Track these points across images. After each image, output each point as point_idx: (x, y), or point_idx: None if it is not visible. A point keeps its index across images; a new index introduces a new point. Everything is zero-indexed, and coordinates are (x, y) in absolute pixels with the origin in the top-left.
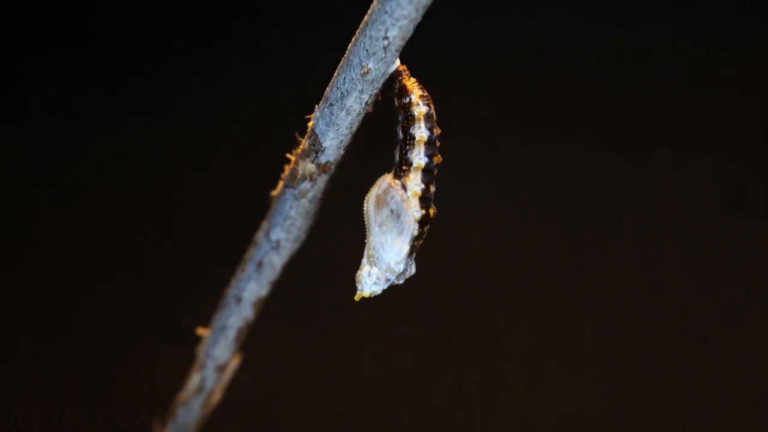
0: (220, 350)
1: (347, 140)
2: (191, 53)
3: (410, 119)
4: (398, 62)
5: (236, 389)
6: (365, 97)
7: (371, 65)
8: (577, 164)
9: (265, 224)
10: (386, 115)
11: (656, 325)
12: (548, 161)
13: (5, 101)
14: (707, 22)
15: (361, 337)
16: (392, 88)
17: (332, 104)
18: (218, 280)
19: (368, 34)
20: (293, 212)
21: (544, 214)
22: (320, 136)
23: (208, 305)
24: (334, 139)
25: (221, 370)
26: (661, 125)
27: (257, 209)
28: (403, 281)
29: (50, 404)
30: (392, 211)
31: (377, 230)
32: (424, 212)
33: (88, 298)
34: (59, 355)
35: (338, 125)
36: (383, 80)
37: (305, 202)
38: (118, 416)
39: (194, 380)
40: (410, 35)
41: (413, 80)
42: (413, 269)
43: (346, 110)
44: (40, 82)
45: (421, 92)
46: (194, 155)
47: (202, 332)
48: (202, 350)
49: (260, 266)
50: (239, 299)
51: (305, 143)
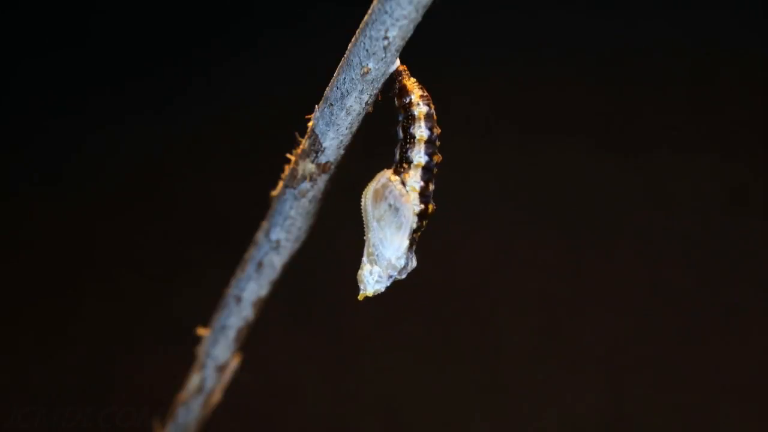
0: (220, 350)
1: (347, 140)
2: (191, 53)
3: (410, 119)
4: (398, 62)
5: (236, 389)
6: (365, 97)
7: (371, 65)
8: (577, 164)
9: (265, 224)
10: (386, 115)
11: (656, 325)
12: (548, 161)
13: (5, 101)
14: (707, 21)
15: (361, 337)
16: (392, 88)
17: (332, 104)
18: (218, 280)
19: (368, 34)
20: (293, 212)
21: (544, 214)
22: (320, 136)
23: (208, 305)
24: (334, 139)
25: (221, 370)
26: (661, 125)
27: (257, 209)
28: (405, 275)
29: (50, 404)
30: (390, 205)
31: (375, 225)
32: (423, 207)
33: (87, 298)
34: (59, 355)
35: (338, 125)
36: (383, 80)
37: (305, 202)
38: (118, 416)
39: (194, 380)
40: (410, 35)
41: (413, 80)
42: (414, 262)
43: (346, 110)
44: (39, 82)
45: (421, 92)
46: (194, 155)
47: (202, 332)
48: (202, 350)
49: (260, 266)
50: (239, 299)
51: (305, 143)
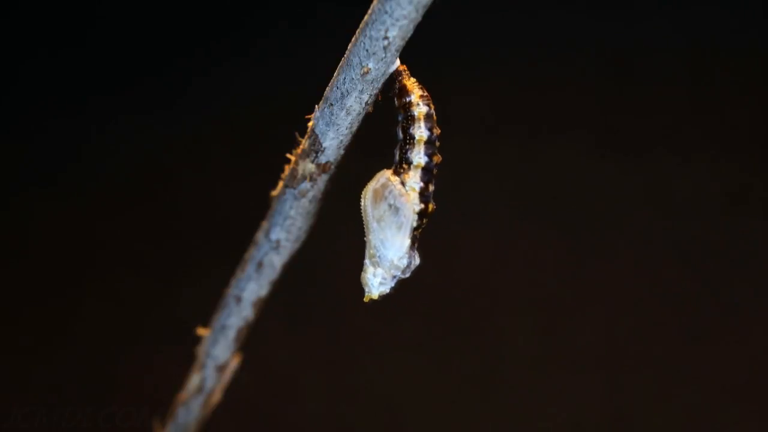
0: (220, 350)
1: (347, 140)
2: (191, 53)
3: (410, 119)
4: (398, 62)
5: (236, 389)
6: (365, 97)
7: (371, 65)
8: (577, 164)
9: (265, 224)
10: (386, 115)
11: (656, 325)
12: (548, 161)
13: (5, 101)
14: (707, 21)
15: (360, 336)
16: (392, 88)
17: (332, 104)
18: (218, 280)
19: (368, 34)
20: (293, 212)
21: (544, 214)
22: (320, 136)
23: (208, 305)
24: (334, 139)
25: (221, 370)
26: (661, 125)
27: (257, 209)
28: (409, 274)
29: (50, 404)
30: (390, 205)
31: (376, 226)
32: (423, 206)
33: (87, 298)
34: (59, 355)
35: (338, 125)
36: (383, 80)
37: (305, 202)
38: (118, 416)
39: (194, 380)
40: (410, 35)
41: (413, 80)
42: (417, 260)
43: (346, 110)
44: (39, 82)
45: (421, 92)
46: (194, 155)
47: (202, 332)
48: (202, 350)
49: (260, 266)
50: (239, 299)
51: (305, 143)
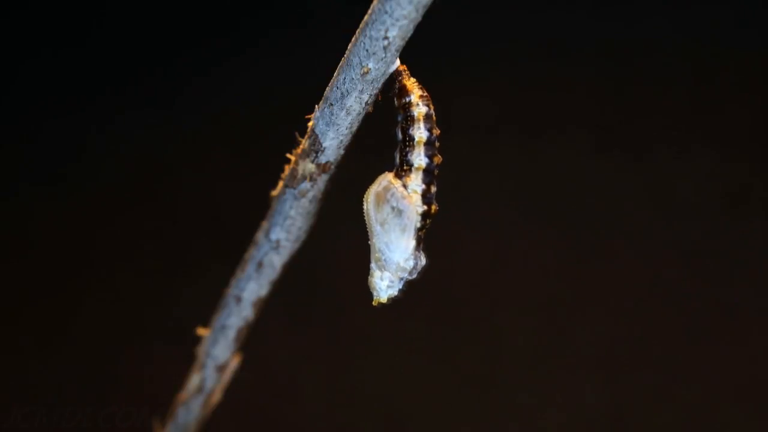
0: (220, 350)
1: (347, 140)
2: (191, 53)
3: (410, 120)
4: (398, 62)
5: (236, 389)
6: (365, 97)
7: (371, 65)
8: (577, 164)
9: (265, 224)
10: (386, 115)
11: (656, 325)
12: (548, 161)
13: (5, 101)
14: (708, 21)
15: (360, 337)
16: (392, 88)
17: (332, 104)
18: (218, 280)
19: (368, 34)
20: (293, 212)
21: (544, 213)
22: (320, 136)
23: (208, 305)
24: (334, 139)
25: (221, 370)
26: (661, 125)
27: (257, 209)
28: (417, 275)
29: (50, 404)
30: (393, 207)
31: (379, 230)
32: (426, 207)
33: (87, 297)
34: (59, 355)
35: (338, 125)
36: (383, 80)
37: (305, 202)
38: (118, 416)
39: (194, 380)
40: (410, 35)
41: (413, 80)
42: (423, 260)
43: (346, 110)
44: (39, 81)
45: (420, 92)
46: (194, 155)
47: (202, 332)
48: (202, 350)
49: (260, 266)
50: (239, 299)
51: (305, 143)
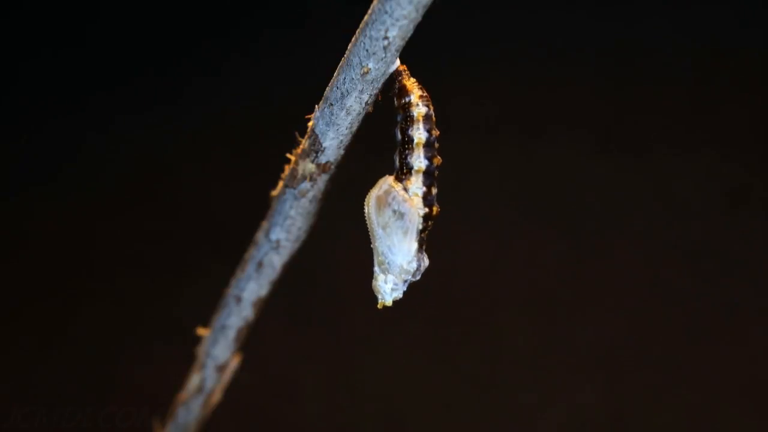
0: (220, 350)
1: (347, 140)
2: (191, 53)
3: (409, 120)
4: (398, 62)
5: (236, 389)
6: (365, 97)
7: (371, 65)
8: (577, 164)
9: (265, 224)
10: (386, 115)
11: (656, 325)
12: (548, 161)
13: (4, 101)
14: (708, 21)
15: (360, 337)
16: (392, 88)
17: (332, 104)
18: (218, 280)
19: (368, 34)
20: (293, 212)
21: (544, 214)
22: (320, 136)
23: (208, 305)
24: (334, 139)
25: (221, 370)
26: (661, 125)
27: (257, 209)
28: (420, 276)
29: (50, 404)
30: (395, 211)
31: (381, 233)
32: (427, 210)
33: (87, 298)
34: (59, 355)
35: (338, 125)
36: (383, 80)
37: (305, 202)
38: (118, 416)
39: (194, 380)
40: (410, 35)
41: (413, 80)
42: (426, 261)
43: (346, 110)
44: (39, 82)
45: (420, 92)
46: (194, 155)
47: (202, 332)
48: (202, 350)
49: (260, 266)
50: (239, 299)
51: (305, 143)
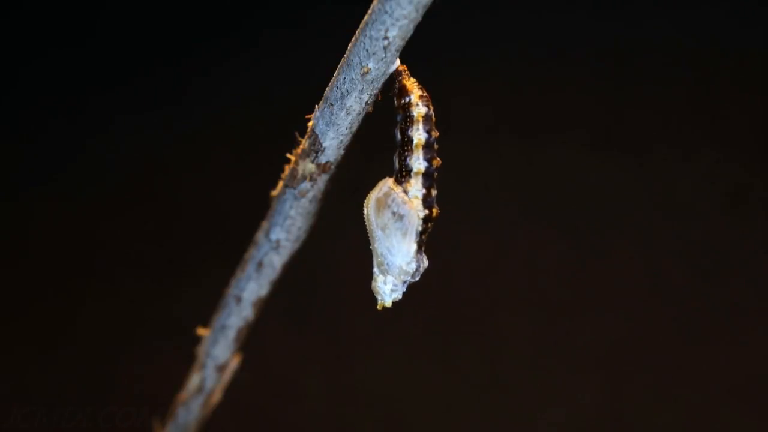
0: (220, 350)
1: (347, 140)
2: (191, 53)
3: (409, 120)
4: (398, 62)
5: (236, 389)
6: (365, 97)
7: (371, 65)
8: (577, 164)
9: (265, 224)
10: (386, 115)
11: (656, 325)
12: (548, 161)
13: (5, 101)
14: (707, 21)
15: (360, 337)
16: (392, 88)
17: (332, 104)
18: (218, 280)
19: (368, 34)
20: (293, 212)
21: (544, 214)
22: (320, 136)
23: (208, 305)
24: (334, 139)
25: (221, 370)
26: (661, 125)
27: (257, 209)
28: (419, 277)
29: (50, 404)
30: (394, 213)
31: (380, 234)
32: (427, 212)
33: (87, 298)
34: (59, 355)
35: (338, 125)
36: (383, 80)
37: (305, 202)
38: (118, 416)
39: (194, 380)
40: (410, 35)
41: (413, 80)
42: (426, 262)
43: (346, 110)
44: (39, 82)
45: (420, 92)
46: (194, 155)
47: (202, 332)
48: (202, 350)
49: (260, 266)
50: (239, 299)
51: (305, 143)
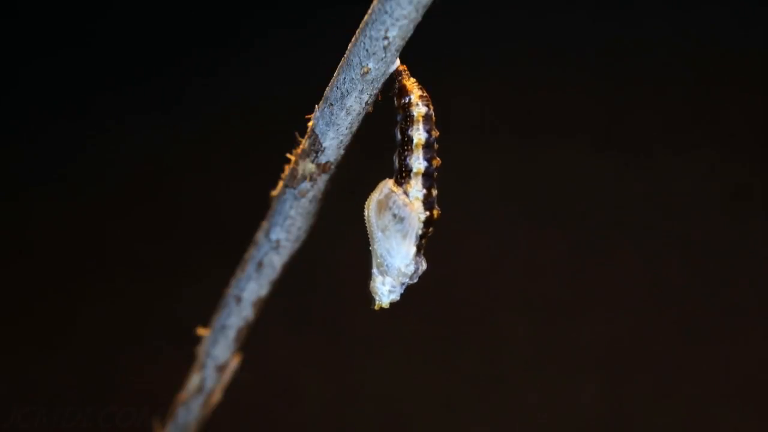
0: (220, 350)
1: (347, 140)
2: (191, 53)
3: (409, 120)
4: (398, 62)
5: (236, 389)
6: (365, 97)
7: (371, 65)
8: (576, 164)
9: (265, 224)
10: (386, 115)
11: (656, 325)
12: (548, 161)
13: (6, 102)
14: (707, 21)
15: (360, 337)
16: (392, 88)
17: (332, 104)
18: (218, 280)
19: (368, 34)
20: (293, 212)
21: (544, 214)
22: (320, 136)
23: (208, 305)
24: (334, 139)
25: (221, 370)
26: (660, 125)
27: (257, 209)
28: (417, 279)
29: (50, 404)
30: (395, 215)
31: (380, 236)
32: (428, 214)
33: (87, 298)
34: (59, 355)
35: (338, 125)
36: (383, 80)
37: (305, 202)
38: (118, 416)
39: (194, 380)
40: (410, 35)
41: (413, 80)
42: (424, 265)
43: (346, 110)
44: (40, 82)
45: (420, 92)
46: (194, 155)
47: (202, 332)
48: (202, 350)
49: (260, 266)
50: (239, 299)
51: (305, 143)
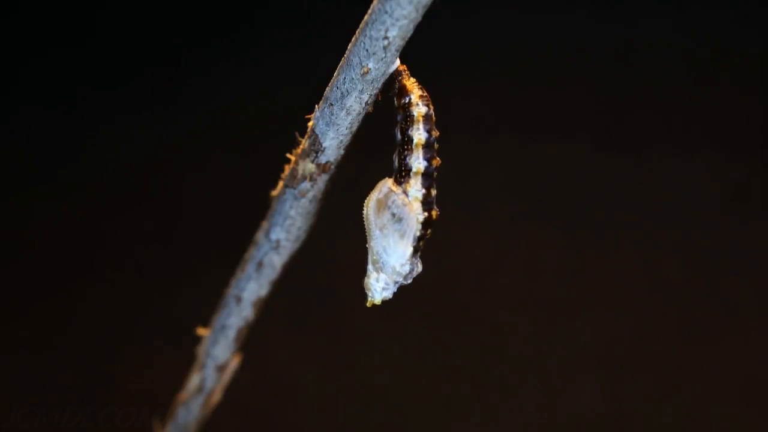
0: (220, 350)
1: (347, 140)
2: (191, 53)
3: (409, 120)
4: (398, 62)
5: (236, 389)
6: (365, 97)
7: (371, 65)
8: (577, 164)
9: (265, 224)
10: (386, 115)
11: (656, 325)
12: (548, 161)
13: (5, 100)
14: (707, 21)
15: (360, 336)
16: (392, 88)
17: (332, 104)
18: (218, 280)
19: (368, 34)
20: (293, 212)
21: (544, 214)
22: (320, 136)
23: (208, 305)
24: (334, 139)
25: (221, 370)
26: (661, 124)
27: (257, 209)
28: (411, 281)
29: (50, 404)
30: (394, 214)
31: (378, 234)
32: (426, 215)
33: (87, 297)
34: (59, 355)
35: (338, 125)
36: (383, 80)
37: (305, 202)
38: (118, 416)
39: (194, 380)
40: (410, 35)
41: (413, 80)
42: (419, 267)
43: (346, 110)
44: (39, 81)
45: (420, 92)
46: (194, 155)
47: (202, 332)
48: (202, 350)
49: (260, 266)
50: (239, 299)
51: (305, 143)
